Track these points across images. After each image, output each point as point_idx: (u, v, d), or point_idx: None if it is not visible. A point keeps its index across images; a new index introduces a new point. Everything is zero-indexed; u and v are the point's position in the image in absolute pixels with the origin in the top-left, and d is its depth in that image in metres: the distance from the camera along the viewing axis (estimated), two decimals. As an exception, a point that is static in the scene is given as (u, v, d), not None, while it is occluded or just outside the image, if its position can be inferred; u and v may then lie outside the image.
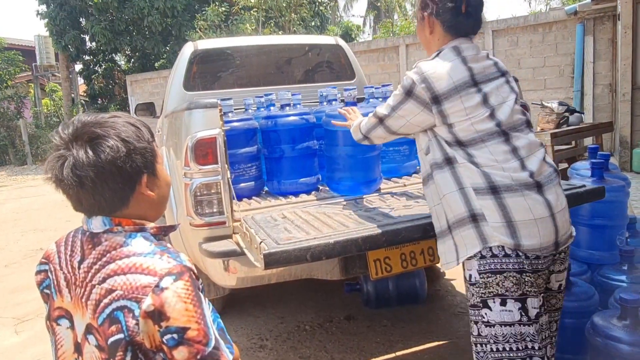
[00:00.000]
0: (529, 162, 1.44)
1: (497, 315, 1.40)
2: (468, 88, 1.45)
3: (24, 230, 6.45)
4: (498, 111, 1.46)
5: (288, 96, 2.50)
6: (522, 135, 1.47)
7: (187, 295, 0.95)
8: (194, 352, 0.93)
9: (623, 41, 6.11)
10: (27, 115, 16.96)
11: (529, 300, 1.39)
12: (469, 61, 1.49)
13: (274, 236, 1.75)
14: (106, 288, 0.96)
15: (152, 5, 12.91)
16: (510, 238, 1.38)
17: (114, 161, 0.97)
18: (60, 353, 1.06)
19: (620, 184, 2.38)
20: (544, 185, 1.43)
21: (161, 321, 0.92)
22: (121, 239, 1.00)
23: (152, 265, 0.96)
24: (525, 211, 1.39)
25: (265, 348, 2.69)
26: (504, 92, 1.50)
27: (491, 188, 1.40)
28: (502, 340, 1.41)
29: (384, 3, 22.25)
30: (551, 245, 1.42)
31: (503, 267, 1.39)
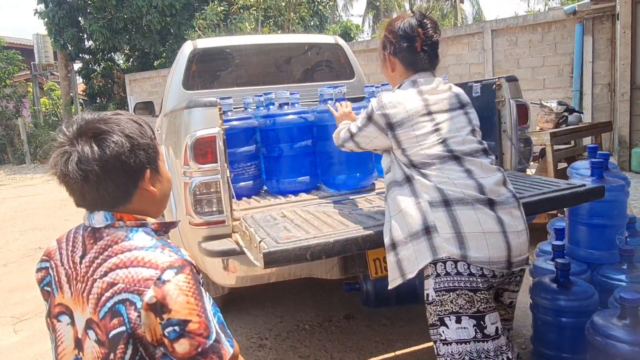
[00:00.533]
0: (483, 181, 1.50)
1: (454, 332, 1.43)
2: (420, 117, 1.56)
3: (22, 229, 6.43)
4: (450, 140, 1.55)
5: (287, 95, 2.50)
6: (476, 160, 1.55)
7: (189, 288, 0.96)
8: (195, 345, 0.94)
9: (622, 41, 6.11)
10: (25, 114, 16.93)
11: (487, 317, 1.42)
12: (425, 92, 1.60)
13: (274, 235, 1.75)
14: (108, 282, 0.97)
15: (151, 4, 12.89)
16: (457, 249, 1.42)
17: (118, 156, 0.98)
18: (61, 350, 1.06)
19: (620, 183, 2.38)
20: (497, 204, 1.48)
21: (163, 313, 0.93)
22: (123, 234, 1.01)
23: (154, 259, 0.97)
24: (474, 224, 1.43)
25: (264, 347, 2.69)
26: (459, 122, 1.60)
27: (444, 201, 1.47)
28: (458, 358, 1.43)
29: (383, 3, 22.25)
30: (502, 262, 1.44)
31: (455, 285, 1.42)
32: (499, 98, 2.54)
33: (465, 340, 1.42)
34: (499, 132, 2.58)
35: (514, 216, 1.49)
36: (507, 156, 2.57)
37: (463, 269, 1.42)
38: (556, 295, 2.07)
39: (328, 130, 2.30)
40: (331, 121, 2.26)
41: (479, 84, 2.65)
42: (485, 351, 1.41)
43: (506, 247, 1.44)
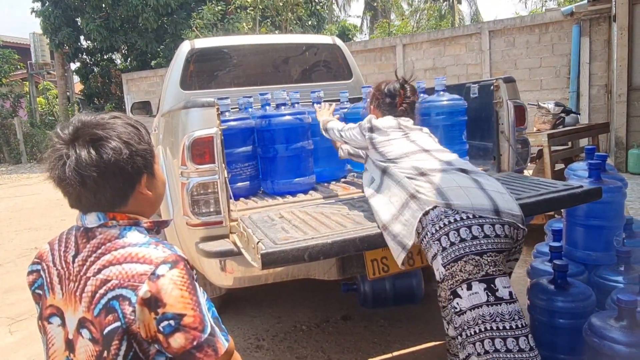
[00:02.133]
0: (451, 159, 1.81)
1: (467, 300, 1.48)
2: (395, 130, 1.98)
3: (18, 229, 6.40)
4: (418, 142, 1.93)
5: (283, 96, 2.49)
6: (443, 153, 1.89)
7: (183, 282, 0.96)
8: (190, 339, 0.94)
9: (619, 42, 6.13)
10: (22, 114, 16.86)
11: (497, 280, 1.47)
12: (400, 121, 2.03)
13: (272, 236, 1.74)
14: (101, 279, 0.97)
15: (146, 3, 12.85)
16: (441, 199, 1.61)
17: (116, 162, 0.99)
18: (52, 352, 1.05)
19: (618, 184, 2.38)
20: (470, 172, 1.74)
21: (157, 308, 0.94)
22: (116, 232, 1.02)
23: (148, 254, 0.98)
24: (449, 181, 1.66)
25: (261, 348, 2.68)
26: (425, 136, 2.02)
27: (421, 173, 1.74)
28: (472, 324, 1.47)
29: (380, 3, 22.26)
30: (488, 209, 1.56)
31: (462, 252, 1.50)
32: (497, 99, 2.54)
33: (478, 305, 1.46)
34: (496, 133, 2.58)
35: (490, 180, 1.71)
36: (504, 157, 2.57)
37: (465, 234, 1.52)
38: (554, 296, 2.07)
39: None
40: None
41: (477, 85, 2.66)
42: (500, 314, 1.44)
43: (487, 197, 1.60)
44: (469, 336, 1.48)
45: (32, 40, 16.76)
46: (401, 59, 9.37)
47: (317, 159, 2.61)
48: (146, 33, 13.71)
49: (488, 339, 1.45)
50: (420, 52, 9.10)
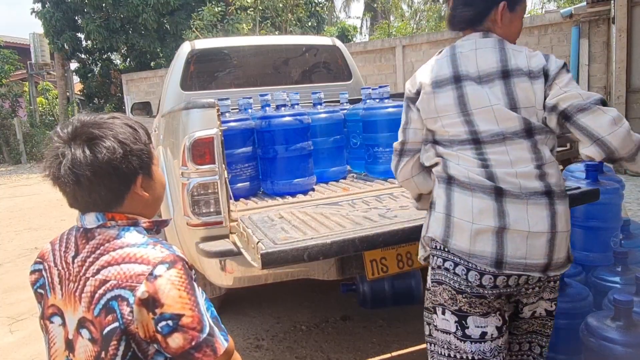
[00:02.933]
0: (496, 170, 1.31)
1: (440, 321, 1.43)
2: (445, 86, 1.36)
3: (18, 229, 6.41)
4: (476, 117, 1.33)
5: (283, 97, 2.51)
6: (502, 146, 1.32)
7: (181, 282, 0.96)
8: (189, 339, 0.94)
9: (618, 44, 6.16)
10: (21, 114, 16.85)
11: (469, 318, 1.35)
12: (460, 57, 1.38)
13: (271, 236, 1.76)
14: (100, 279, 0.97)
15: (146, 3, 12.87)
16: (441, 233, 1.35)
17: (110, 162, 0.99)
18: (53, 351, 1.06)
19: (615, 186, 2.40)
20: (506, 195, 1.28)
21: (155, 308, 0.94)
22: (114, 232, 1.02)
23: (146, 255, 0.98)
24: (465, 212, 1.30)
25: (261, 348, 2.69)
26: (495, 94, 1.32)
27: (448, 177, 1.36)
28: (441, 344, 1.44)
29: (380, 4, 22.29)
30: (487, 258, 1.27)
31: (442, 280, 1.38)
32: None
33: (446, 331, 1.42)
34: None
35: (532, 213, 1.27)
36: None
37: (450, 266, 1.34)
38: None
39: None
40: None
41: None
42: (462, 350, 1.38)
43: (495, 244, 1.26)
44: (439, 353, 1.46)
45: (31, 40, 16.76)
46: (401, 60, 9.39)
47: (317, 159, 2.62)
48: (146, 33, 13.71)
49: None
50: (420, 53, 9.12)
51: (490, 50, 1.36)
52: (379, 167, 2.63)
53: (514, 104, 1.32)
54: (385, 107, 2.59)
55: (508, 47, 1.38)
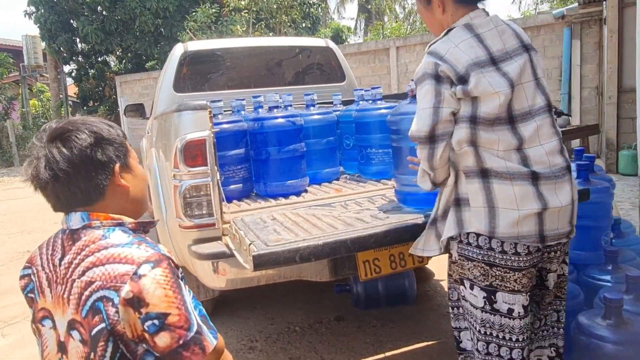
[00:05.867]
0: (530, 152, 1.39)
1: (468, 295, 1.50)
2: (486, 66, 1.37)
3: (10, 232, 6.37)
4: (516, 94, 1.38)
5: (276, 98, 2.51)
6: (533, 121, 1.40)
7: (166, 281, 0.96)
8: (176, 337, 0.95)
9: (609, 45, 6.21)
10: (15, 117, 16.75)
11: (499, 294, 1.42)
12: (485, 38, 1.40)
13: (263, 238, 1.76)
14: (86, 281, 0.98)
15: (144, 6, 12.84)
16: (486, 226, 1.38)
17: (83, 150, 1.01)
18: (46, 354, 1.07)
19: (605, 185, 2.41)
20: (541, 178, 1.38)
21: (141, 307, 0.94)
22: (100, 233, 1.03)
23: (130, 254, 0.98)
24: (509, 201, 1.37)
25: (255, 349, 2.69)
26: (525, 72, 1.40)
27: (481, 171, 1.39)
28: (469, 316, 1.52)
29: (374, 6, 22.34)
30: (533, 236, 1.38)
31: (473, 257, 1.44)
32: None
33: (474, 306, 1.48)
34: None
35: (559, 190, 1.40)
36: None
37: (483, 241, 1.41)
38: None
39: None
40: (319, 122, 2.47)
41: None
42: (491, 322, 1.44)
43: (538, 223, 1.38)
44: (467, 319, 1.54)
45: (24, 42, 16.68)
46: (395, 61, 9.42)
47: (309, 161, 2.63)
48: (142, 36, 13.67)
49: (481, 342, 1.47)
50: (413, 54, 9.15)
51: (506, 27, 1.44)
52: (372, 168, 2.63)
53: (537, 78, 1.44)
54: (378, 108, 2.60)
55: (511, 23, 1.47)
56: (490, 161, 1.39)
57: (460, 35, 1.41)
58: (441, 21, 1.51)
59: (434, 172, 1.49)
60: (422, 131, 1.42)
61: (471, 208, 1.41)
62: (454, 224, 1.45)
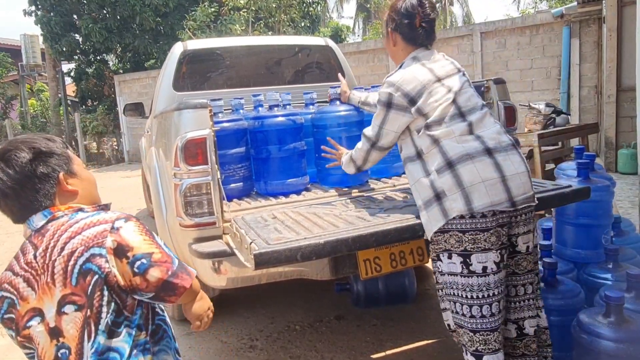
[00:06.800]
0: (482, 133, 1.69)
1: (446, 266, 1.67)
2: (433, 83, 1.73)
3: (9, 231, 6.36)
4: (459, 97, 1.73)
5: (276, 97, 2.50)
6: (477, 114, 1.73)
7: (141, 230, 1.11)
8: (165, 270, 1.09)
9: (608, 44, 6.21)
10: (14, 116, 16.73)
11: (473, 256, 1.61)
12: (427, 64, 1.79)
13: (264, 236, 1.76)
14: (67, 254, 1.06)
15: (144, 3, 12.80)
16: (464, 205, 1.60)
17: (24, 166, 1.10)
18: (41, 350, 1.09)
19: (606, 184, 2.42)
20: (494, 152, 1.66)
21: (127, 252, 1.06)
22: (66, 218, 1.12)
23: (101, 217, 1.11)
24: (473, 175, 1.61)
25: (255, 348, 2.69)
26: (462, 83, 1.78)
27: (448, 164, 1.65)
28: (448, 286, 1.69)
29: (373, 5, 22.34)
30: (504, 201, 1.61)
31: (448, 228, 1.64)
32: (487, 100, 2.57)
33: (454, 273, 1.65)
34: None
35: (512, 159, 1.67)
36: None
37: (463, 215, 1.61)
38: (543, 294, 2.10)
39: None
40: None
41: (468, 86, 2.68)
42: (470, 285, 1.62)
43: (505, 190, 1.61)
44: (446, 294, 1.72)
45: (23, 41, 16.62)
46: (394, 60, 9.40)
47: (310, 159, 2.62)
48: (142, 34, 13.64)
49: (458, 303, 1.67)
50: (412, 53, 9.14)
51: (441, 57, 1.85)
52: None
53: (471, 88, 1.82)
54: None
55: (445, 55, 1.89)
56: (451, 150, 1.65)
57: (409, 64, 1.80)
58: (395, 52, 1.89)
59: (364, 163, 1.98)
60: (370, 136, 1.88)
61: (448, 197, 1.63)
62: (440, 215, 1.65)
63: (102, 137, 14.52)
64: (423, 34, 1.81)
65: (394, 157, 2.68)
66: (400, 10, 1.81)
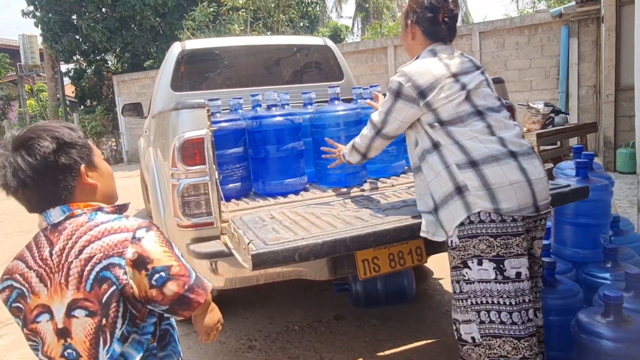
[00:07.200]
0: (503, 135, 1.65)
1: (476, 273, 1.59)
2: (446, 79, 1.68)
3: (7, 232, 6.34)
4: (474, 96, 1.69)
5: (274, 97, 2.50)
6: (496, 115, 1.69)
7: (161, 240, 1.09)
8: (182, 284, 1.08)
9: (607, 43, 6.21)
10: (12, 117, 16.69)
11: (506, 261, 1.56)
12: (444, 59, 1.73)
13: (262, 237, 1.75)
14: (85, 258, 1.04)
15: (144, 2, 12.79)
16: (490, 203, 1.55)
17: (46, 157, 1.06)
18: (46, 348, 1.08)
19: (604, 183, 2.41)
20: (518, 155, 1.62)
21: (147, 264, 1.04)
22: (85, 218, 1.09)
23: (123, 225, 1.08)
24: (500, 177, 1.57)
25: (254, 349, 2.68)
26: (479, 81, 1.73)
27: (470, 162, 1.60)
28: (480, 294, 1.59)
29: (372, 4, 22.33)
30: (530, 207, 1.59)
31: (477, 232, 1.57)
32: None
33: (486, 280, 1.57)
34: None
35: (535, 165, 1.64)
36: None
37: (487, 215, 1.56)
38: (542, 293, 2.10)
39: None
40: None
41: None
42: (507, 291, 1.55)
43: (531, 194, 1.58)
44: (473, 304, 1.61)
45: (21, 42, 16.60)
46: (392, 60, 9.42)
47: (308, 159, 2.62)
48: (141, 34, 13.63)
49: (494, 312, 1.58)
50: (411, 53, 9.14)
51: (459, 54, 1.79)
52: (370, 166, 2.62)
53: (489, 87, 1.77)
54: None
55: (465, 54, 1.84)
56: (474, 150, 1.60)
57: (425, 57, 1.76)
58: (412, 46, 1.84)
59: (368, 150, 1.93)
60: (376, 122, 1.84)
61: (472, 193, 1.57)
62: (463, 208, 1.58)
63: (101, 138, 14.51)
64: (445, 29, 1.76)
65: (392, 157, 2.68)
66: (423, 3, 1.75)
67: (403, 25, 1.86)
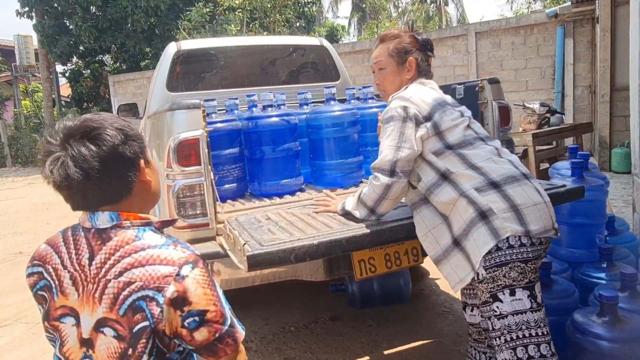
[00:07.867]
0: (511, 158, 1.65)
1: (509, 305, 1.46)
2: (445, 105, 1.69)
3: (3, 233, 6.31)
4: (472, 124, 1.71)
5: (270, 97, 2.49)
6: (495, 142, 1.72)
7: (205, 280, 1.02)
8: (213, 331, 1.02)
9: (602, 44, 6.24)
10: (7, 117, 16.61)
11: (536, 286, 1.49)
12: (435, 89, 1.79)
13: (258, 238, 1.74)
14: (124, 281, 0.99)
15: (135, 4, 12.76)
16: (519, 225, 1.45)
17: (115, 148, 1.02)
18: (66, 349, 1.06)
19: (600, 183, 2.42)
20: (529, 177, 1.60)
21: (184, 306, 0.99)
22: (132, 233, 1.04)
23: (170, 256, 1.02)
24: (524, 197, 1.50)
25: (250, 350, 2.68)
26: (470, 113, 1.78)
27: (491, 184, 1.52)
28: (515, 329, 1.46)
29: (369, 4, 22.36)
30: (551, 229, 1.53)
31: (507, 259, 1.45)
32: (482, 100, 2.57)
33: (521, 311, 1.46)
34: (481, 133, 2.60)
35: (542, 187, 1.63)
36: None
37: (517, 240, 1.46)
38: (538, 294, 2.10)
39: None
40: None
41: (462, 85, 2.68)
42: (542, 319, 1.47)
43: (549, 215, 1.53)
44: (508, 340, 1.46)
45: (16, 42, 16.54)
46: (389, 60, 9.40)
47: (304, 160, 2.61)
48: (134, 34, 13.59)
49: (532, 345, 1.46)
50: (407, 53, 9.15)
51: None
52: (365, 166, 2.62)
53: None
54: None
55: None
56: (493, 172, 1.54)
57: (417, 87, 1.76)
58: (402, 80, 1.82)
59: (379, 204, 1.69)
60: (384, 163, 1.62)
61: (498, 216, 1.46)
62: (489, 235, 1.45)
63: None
64: (429, 67, 1.86)
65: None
66: (421, 41, 1.82)
67: (399, 62, 1.79)
